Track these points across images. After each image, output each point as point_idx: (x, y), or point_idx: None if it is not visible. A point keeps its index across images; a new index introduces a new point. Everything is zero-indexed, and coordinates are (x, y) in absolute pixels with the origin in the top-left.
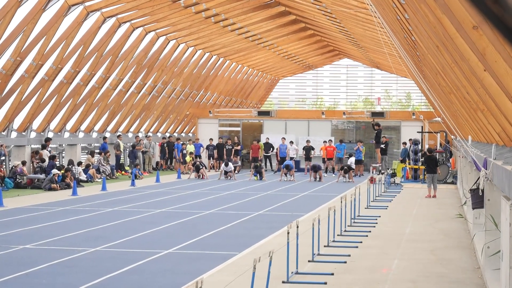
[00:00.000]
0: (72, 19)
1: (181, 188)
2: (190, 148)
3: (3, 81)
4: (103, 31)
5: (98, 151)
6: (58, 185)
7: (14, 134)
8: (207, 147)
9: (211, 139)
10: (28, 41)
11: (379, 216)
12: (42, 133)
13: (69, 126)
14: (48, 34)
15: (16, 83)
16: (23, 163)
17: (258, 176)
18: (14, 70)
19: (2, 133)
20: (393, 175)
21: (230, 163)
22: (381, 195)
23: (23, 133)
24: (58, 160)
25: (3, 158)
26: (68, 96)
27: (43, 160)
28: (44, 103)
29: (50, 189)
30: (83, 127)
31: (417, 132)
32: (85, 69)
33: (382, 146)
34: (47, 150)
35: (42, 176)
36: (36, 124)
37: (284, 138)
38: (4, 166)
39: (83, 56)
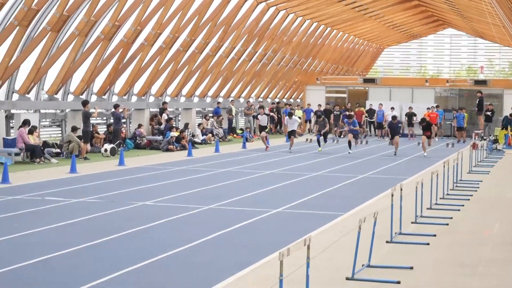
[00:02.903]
0: None
1: (289, 150)
2: (299, 113)
3: (125, 49)
4: (217, 1)
5: (211, 115)
6: (174, 146)
7: (134, 98)
8: (315, 113)
9: (319, 105)
10: (148, 11)
11: (481, 181)
12: (160, 98)
13: (184, 91)
14: (166, 4)
15: (136, 50)
16: (139, 125)
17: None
18: (134, 39)
19: (124, 97)
20: (495, 141)
21: (294, 116)
22: (483, 160)
23: (143, 98)
24: (174, 123)
25: (124, 120)
26: (184, 63)
27: (160, 123)
28: (161, 70)
29: (167, 150)
30: (197, 93)
31: None
32: (200, 38)
33: (488, 113)
34: (165, 113)
35: (160, 138)
36: (154, 89)
37: (381, 104)
38: (125, 127)
39: (198, 26)
